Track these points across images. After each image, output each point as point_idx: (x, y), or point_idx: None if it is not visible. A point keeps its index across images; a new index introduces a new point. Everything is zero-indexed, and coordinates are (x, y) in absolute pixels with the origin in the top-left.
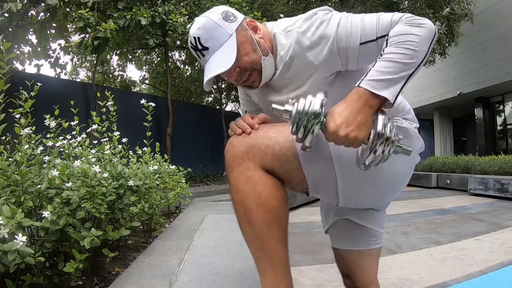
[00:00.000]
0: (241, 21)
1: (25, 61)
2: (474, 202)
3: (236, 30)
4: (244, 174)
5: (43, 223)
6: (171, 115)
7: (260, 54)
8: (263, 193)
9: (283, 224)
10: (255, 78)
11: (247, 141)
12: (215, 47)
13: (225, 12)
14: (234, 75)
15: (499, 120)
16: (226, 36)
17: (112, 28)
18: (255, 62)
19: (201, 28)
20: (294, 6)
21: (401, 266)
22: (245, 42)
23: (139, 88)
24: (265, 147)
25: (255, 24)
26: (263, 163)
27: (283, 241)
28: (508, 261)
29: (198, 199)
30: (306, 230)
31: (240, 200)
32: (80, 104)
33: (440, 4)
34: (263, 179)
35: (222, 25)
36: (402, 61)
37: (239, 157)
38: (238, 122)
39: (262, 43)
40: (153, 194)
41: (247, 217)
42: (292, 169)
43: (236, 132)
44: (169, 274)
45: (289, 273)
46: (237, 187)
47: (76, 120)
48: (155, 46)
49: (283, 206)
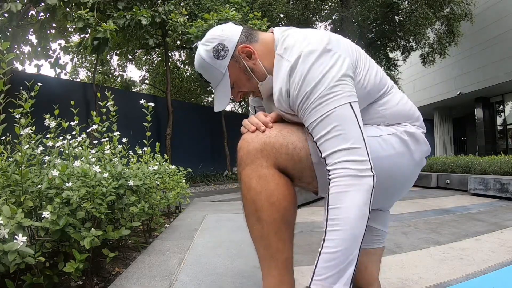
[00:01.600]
0: (233, 53)
1: (25, 61)
2: (474, 202)
3: (228, 67)
4: (257, 172)
5: (43, 223)
6: (171, 115)
7: (256, 81)
8: (275, 192)
9: (291, 224)
10: (259, 94)
11: (261, 139)
12: (215, 83)
13: (215, 49)
14: (238, 97)
15: (499, 120)
16: (220, 75)
17: (111, 29)
18: (252, 88)
19: (199, 68)
20: (294, 6)
21: (401, 266)
22: (239, 73)
23: (139, 88)
24: (279, 146)
25: (248, 49)
26: (277, 162)
27: (290, 241)
28: (508, 261)
29: (198, 199)
30: (306, 230)
31: (251, 198)
32: (80, 104)
33: (440, 4)
34: (277, 178)
35: (214, 64)
36: (345, 247)
37: (253, 154)
38: (252, 119)
39: (257, 69)
40: (153, 194)
41: (256, 215)
42: (304, 169)
43: (250, 129)
44: (169, 274)
45: (293, 274)
46: (249, 184)
47: (76, 120)
48: (155, 46)
49: (293, 207)
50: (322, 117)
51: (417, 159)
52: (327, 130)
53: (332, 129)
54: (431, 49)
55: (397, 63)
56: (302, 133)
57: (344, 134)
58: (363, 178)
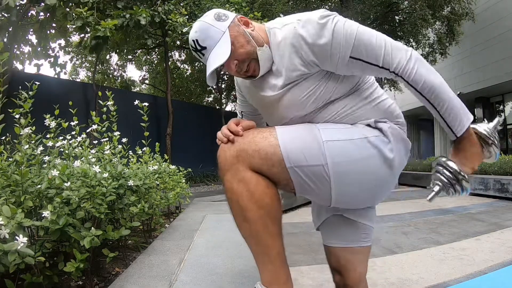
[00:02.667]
0: (233, 19)
1: (25, 61)
2: (474, 202)
3: (228, 27)
4: (237, 176)
5: (43, 223)
6: (171, 115)
7: (255, 44)
8: (255, 191)
9: (277, 219)
10: (255, 68)
11: (236, 146)
12: (212, 45)
13: (217, 13)
14: (233, 67)
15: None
16: (220, 33)
17: (111, 26)
18: (250, 52)
19: (197, 31)
20: (294, 6)
21: (401, 266)
22: (238, 36)
23: (139, 88)
24: (252, 152)
25: (246, 20)
26: (252, 166)
27: (279, 235)
28: (508, 261)
29: (198, 199)
30: (306, 230)
31: (235, 200)
32: (80, 104)
33: (440, 3)
34: (255, 179)
35: (215, 25)
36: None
37: (230, 161)
38: (223, 131)
39: (255, 35)
40: (153, 194)
41: (242, 215)
42: (278, 172)
43: (222, 141)
44: (169, 274)
45: (287, 265)
46: (231, 188)
47: (76, 120)
48: (155, 46)
49: (275, 203)
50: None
51: (392, 156)
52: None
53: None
54: (431, 49)
55: None
56: (274, 138)
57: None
58: (427, 63)
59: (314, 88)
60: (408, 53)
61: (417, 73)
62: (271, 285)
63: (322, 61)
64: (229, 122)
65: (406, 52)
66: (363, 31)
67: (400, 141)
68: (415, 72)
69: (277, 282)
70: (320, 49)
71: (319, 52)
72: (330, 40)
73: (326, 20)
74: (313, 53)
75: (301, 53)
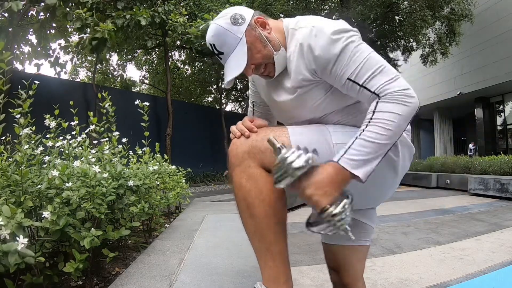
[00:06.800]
0: (249, 21)
1: (25, 61)
2: (474, 202)
3: (245, 32)
4: (246, 172)
5: (43, 223)
6: (171, 115)
7: (272, 49)
8: (264, 189)
9: (282, 218)
10: (271, 69)
11: (248, 142)
12: (229, 52)
13: (233, 16)
14: (250, 71)
15: (499, 120)
16: (237, 40)
17: (110, 29)
18: (267, 57)
19: (214, 35)
20: (294, 5)
21: (401, 266)
22: (255, 41)
23: (139, 88)
24: (265, 149)
25: (263, 20)
26: (263, 163)
27: (283, 234)
28: (508, 261)
29: (198, 199)
30: (306, 230)
31: (242, 196)
32: (80, 104)
33: (440, 4)
34: (264, 176)
35: (231, 30)
36: (380, 142)
37: (241, 156)
38: (238, 126)
39: (272, 38)
40: (153, 194)
41: (249, 212)
42: None
43: (236, 136)
44: (169, 274)
45: (288, 264)
46: (240, 184)
47: (75, 120)
48: (155, 46)
49: (282, 202)
50: (363, 62)
51: (397, 160)
52: (373, 70)
53: (376, 69)
54: (432, 49)
55: (397, 63)
56: (286, 138)
57: (387, 70)
58: (412, 98)
59: (324, 96)
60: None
61: (389, 110)
62: (272, 284)
63: (322, 73)
64: (244, 119)
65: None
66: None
67: (404, 145)
68: (389, 110)
69: (277, 280)
70: (322, 62)
71: (321, 65)
72: (335, 58)
73: (339, 37)
74: (315, 63)
75: (306, 60)
